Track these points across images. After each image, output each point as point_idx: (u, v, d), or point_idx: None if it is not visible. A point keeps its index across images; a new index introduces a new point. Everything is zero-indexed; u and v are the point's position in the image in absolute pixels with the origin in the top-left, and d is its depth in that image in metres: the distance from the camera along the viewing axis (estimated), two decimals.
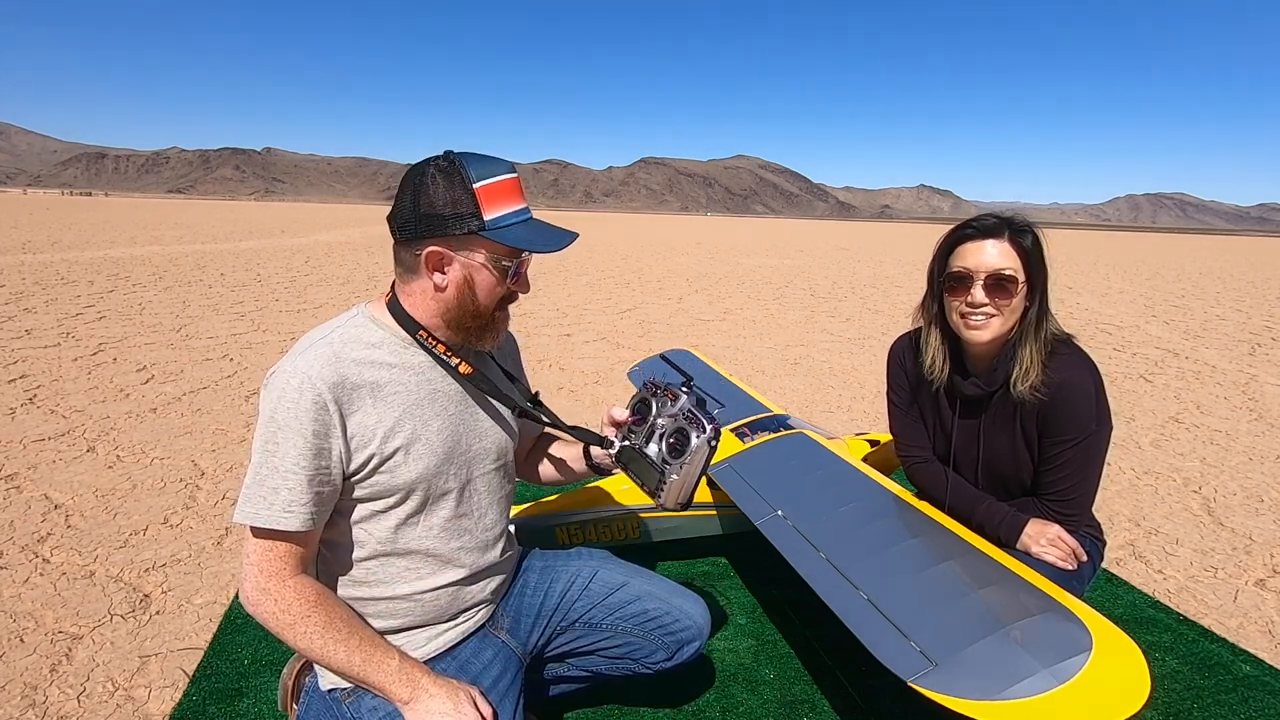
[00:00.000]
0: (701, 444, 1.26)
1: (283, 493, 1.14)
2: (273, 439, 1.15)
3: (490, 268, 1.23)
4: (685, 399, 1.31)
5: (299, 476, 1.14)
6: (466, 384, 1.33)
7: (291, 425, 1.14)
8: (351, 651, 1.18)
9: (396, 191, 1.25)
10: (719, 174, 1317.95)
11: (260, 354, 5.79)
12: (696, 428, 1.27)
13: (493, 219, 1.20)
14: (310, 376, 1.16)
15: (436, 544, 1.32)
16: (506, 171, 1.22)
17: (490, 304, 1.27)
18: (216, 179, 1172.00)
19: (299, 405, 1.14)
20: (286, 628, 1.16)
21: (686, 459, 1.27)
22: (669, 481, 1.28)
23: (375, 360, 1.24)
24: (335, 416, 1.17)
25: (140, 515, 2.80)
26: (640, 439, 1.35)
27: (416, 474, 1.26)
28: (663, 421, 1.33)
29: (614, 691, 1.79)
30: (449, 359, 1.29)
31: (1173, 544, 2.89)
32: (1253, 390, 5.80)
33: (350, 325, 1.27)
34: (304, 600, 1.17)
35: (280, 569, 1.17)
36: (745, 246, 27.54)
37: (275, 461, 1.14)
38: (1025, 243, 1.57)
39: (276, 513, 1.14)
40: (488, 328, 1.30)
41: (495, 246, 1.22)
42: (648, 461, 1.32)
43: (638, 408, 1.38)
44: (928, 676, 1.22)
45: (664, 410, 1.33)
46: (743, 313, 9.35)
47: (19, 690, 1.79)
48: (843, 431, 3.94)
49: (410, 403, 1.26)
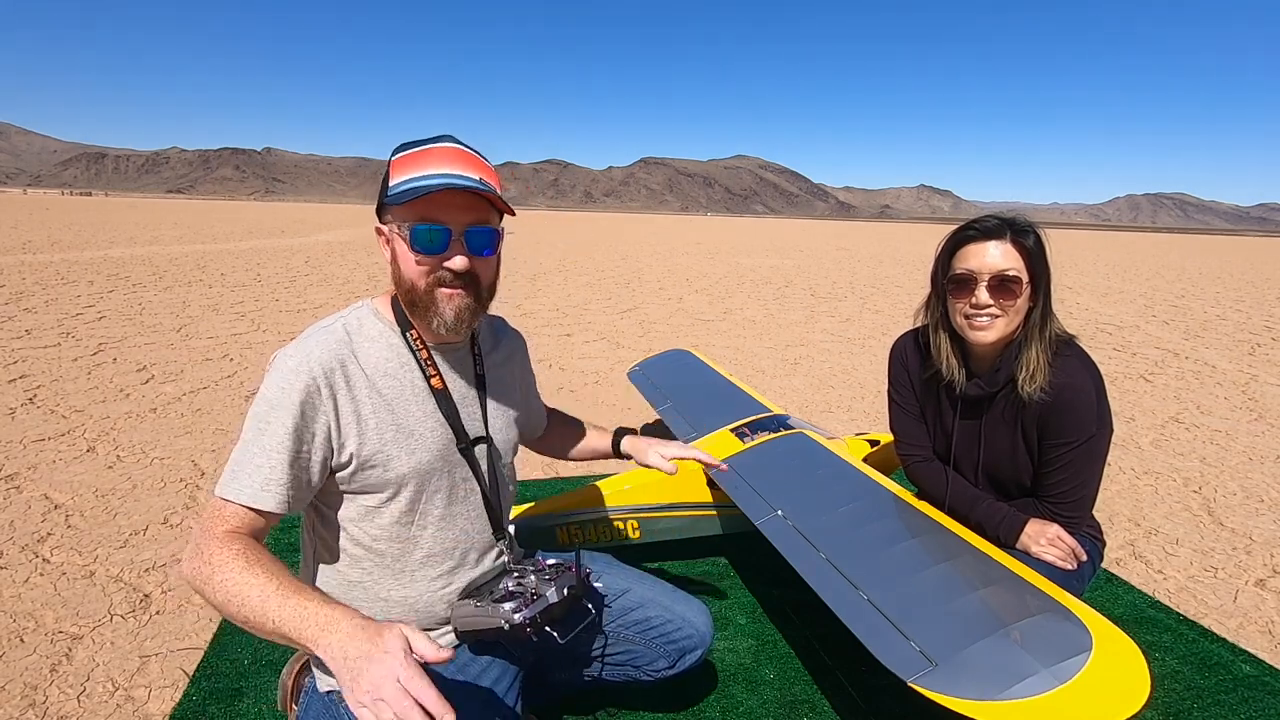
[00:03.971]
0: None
1: (264, 470, 1.13)
2: (264, 417, 1.15)
3: (402, 234, 1.19)
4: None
5: (281, 456, 1.14)
6: (439, 395, 1.29)
7: (284, 404, 1.14)
8: (267, 597, 0.97)
9: None
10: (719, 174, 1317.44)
11: (260, 354, 5.79)
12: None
13: (397, 182, 1.18)
14: (309, 360, 1.17)
15: (432, 543, 1.31)
16: (435, 141, 1.21)
17: (415, 277, 1.21)
18: (216, 179, 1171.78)
19: (293, 386, 1.15)
20: (205, 581, 1.03)
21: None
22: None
23: (373, 354, 1.25)
24: (328, 402, 1.18)
25: (140, 515, 2.80)
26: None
27: (408, 469, 1.25)
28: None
29: (613, 692, 1.79)
30: (426, 367, 1.28)
31: (1173, 544, 2.89)
32: (1253, 390, 5.80)
33: (354, 317, 1.28)
34: (228, 549, 1.04)
35: (219, 528, 1.09)
36: (745, 246, 27.54)
37: (264, 440, 1.14)
38: (1027, 243, 1.57)
39: (255, 489, 1.12)
40: (423, 306, 1.23)
41: (399, 211, 1.17)
42: None
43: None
44: (928, 677, 1.22)
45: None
46: (743, 313, 9.35)
47: (19, 690, 1.79)
48: (843, 431, 3.94)
49: (404, 398, 1.26)
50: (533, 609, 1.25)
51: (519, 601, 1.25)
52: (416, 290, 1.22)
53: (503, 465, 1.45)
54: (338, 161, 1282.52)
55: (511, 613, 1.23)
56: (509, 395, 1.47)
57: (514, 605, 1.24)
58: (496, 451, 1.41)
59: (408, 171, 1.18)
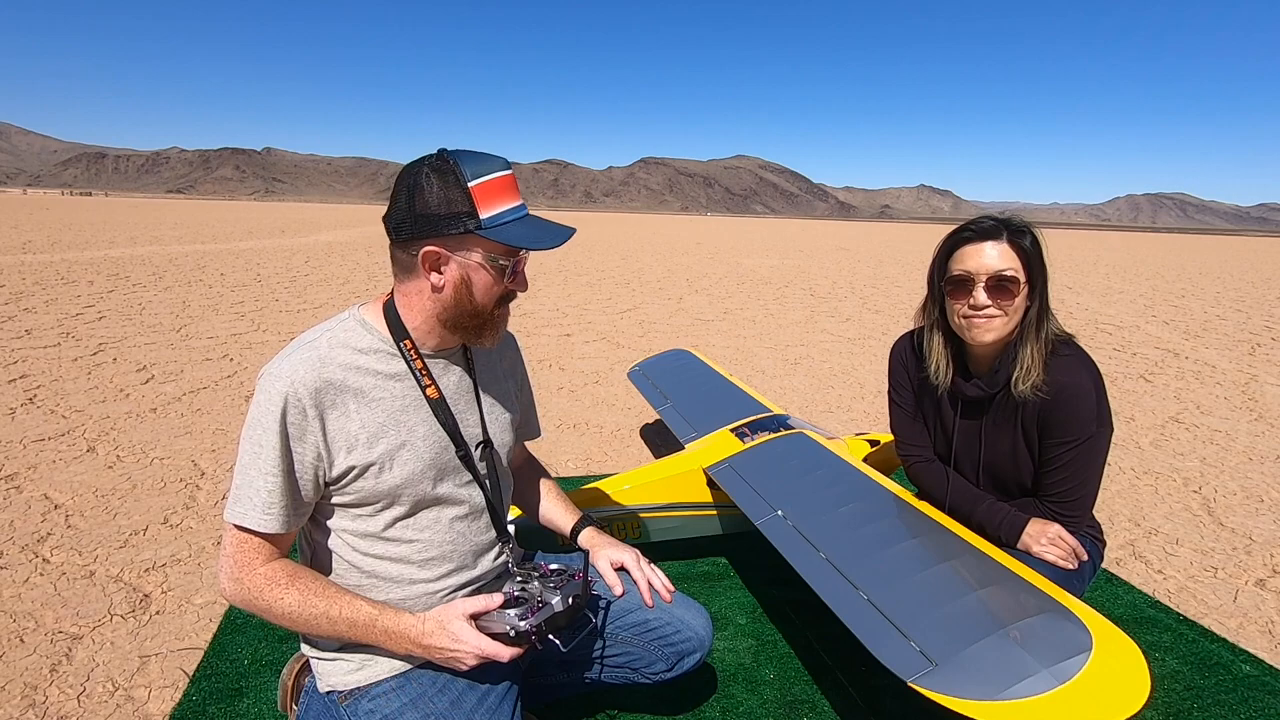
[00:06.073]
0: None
1: (262, 494, 1.17)
2: (256, 440, 1.17)
3: (487, 267, 1.22)
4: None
5: (276, 479, 1.17)
6: (435, 405, 1.29)
7: (271, 427, 1.16)
8: (335, 618, 1.19)
9: (391, 192, 1.24)
10: (719, 174, 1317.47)
11: (260, 354, 5.79)
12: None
13: (489, 217, 1.18)
14: (293, 380, 1.17)
15: (427, 548, 1.31)
16: (501, 169, 1.20)
17: (488, 303, 1.26)
18: (216, 179, 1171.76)
19: (278, 407, 1.16)
20: (264, 611, 1.19)
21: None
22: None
23: (360, 365, 1.23)
24: (314, 421, 1.18)
25: (140, 515, 2.80)
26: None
27: (400, 480, 1.25)
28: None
29: (613, 693, 1.79)
30: (421, 378, 1.28)
31: (1173, 544, 2.89)
32: (1253, 390, 5.80)
33: (340, 328, 1.26)
34: (275, 583, 1.19)
35: (251, 560, 1.19)
36: (745, 246, 27.55)
37: (259, 463, 1.16)
38: (1024, 243, 1.57)
39: (257, 513, 1.17)
40: (486, 326, 1.29)
41: (492, 245, 1.20)
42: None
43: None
44: (928, 676, 1.22)
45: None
46: (743, 313, 9.35)
47: (19, 690, 1.79)
48: (843, 431, 3.94)
49: (395, 409, 1.25)
50: (538, 617, 1.24)
51: (525, 609, 1.25)
52: (484, 313, 1.27)
53: (503, 467, 1.45)
54: (338, 161, 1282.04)
55: (517, 619, 1.23)
56: (504, 396, 1.47)
57: (519, 612, 1.24)
58: (496, 455, 1.41)
59: (497, 205, 1.18)
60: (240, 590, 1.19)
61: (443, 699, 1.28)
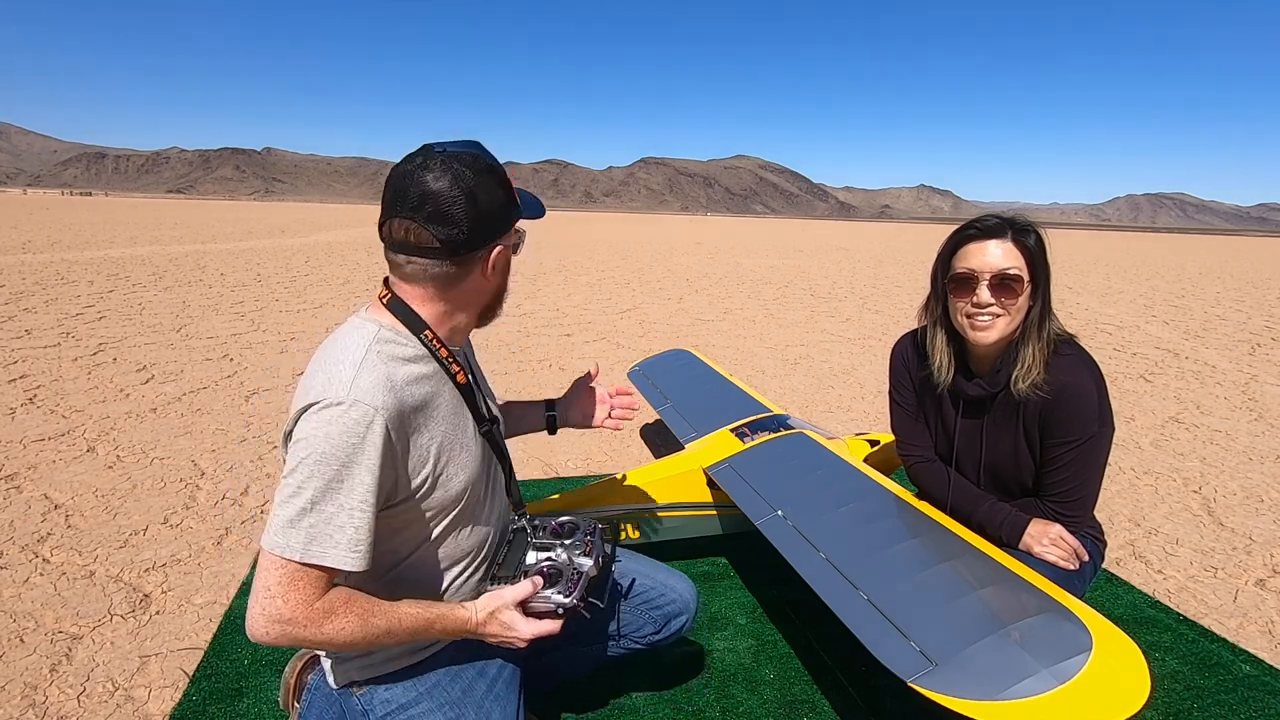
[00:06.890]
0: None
1: (348, 530, 1.06)
2: (335, 475, 1.05)
3: (511, 245, 1.27)
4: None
5: (366, 515, 1.07)
6: (465, 390, 1.28)
7: (359, 460, 1.06)
8: (396, 632, 1.14)
9: (430, 214, 1.12)
10: (719, 174, 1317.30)
11: (260, 354, 5.79)
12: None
13: (520, 199, 1.25)
14: (374, 408, 1.08)
15: (470, 541, 1.32)
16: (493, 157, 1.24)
17: (508, 278, 1.32)
18: (216, 179, 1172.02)
19: (366, 440, 1.06)
20: (322, 643, 1.09)
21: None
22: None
23: (417, 375, 1.18)
24: (399, 446, 1.12)
25: (140, 515, 2.80)
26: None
27: (464, 482, 1.24)
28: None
29: (613, 692, 1.79)
30: (450, 366, 1.25)
31: (1173, 544, 2.89)
32: (1253, 390, 5.80)
33: (378, 341, 1.16)
34: (332, 614, 1.08)
35: (309, 596, 1.06)
36: (745, 246, 27.54)
37: (341, 499, 1.06)
38: (1028, 242, 1.57)
39: (342, 552, 1.06)
40: (498, 305, 1.33)
41: (517, 224, 1.26)
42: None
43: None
44: (928, 676, 1.22)
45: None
46: (743, 313, 9.35)
47: (19, 690, 1.79)
48: (843, 431, 3.93)
49: (449, 412, 1.24)
50: (579, 588, 1.27)
51: (564, 584, 1.27)
52: (503, 293, 1.32)
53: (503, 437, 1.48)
54: (338, 161, 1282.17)
55: (562, 597, 1.25)
56: (481, 369, 1.51)
57: (561, 589, 1.26)
58: (500, 427, 1.44)
59: (512, 188, 1.23)
60: (288, 631, 1.05)
61: (455, 687, 1.30)
